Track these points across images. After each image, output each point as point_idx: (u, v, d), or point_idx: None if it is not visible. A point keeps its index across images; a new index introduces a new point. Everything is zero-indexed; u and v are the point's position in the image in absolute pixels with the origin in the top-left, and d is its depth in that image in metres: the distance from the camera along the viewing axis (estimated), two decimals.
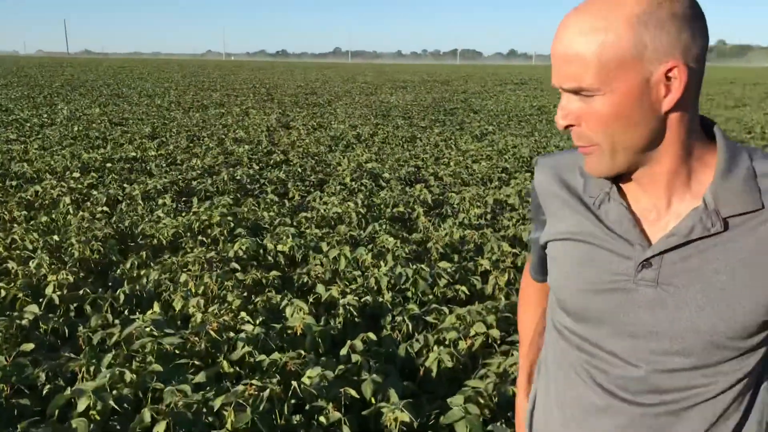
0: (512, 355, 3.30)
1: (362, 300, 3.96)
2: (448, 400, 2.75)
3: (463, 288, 4.27)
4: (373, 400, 2.87)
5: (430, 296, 4.22)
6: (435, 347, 3.40)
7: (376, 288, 4.28)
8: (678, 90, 0.91)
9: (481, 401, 2.73)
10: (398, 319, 3.75)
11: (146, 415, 2.51)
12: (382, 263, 4.60)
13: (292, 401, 2.83)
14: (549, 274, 1.16)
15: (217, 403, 2.55)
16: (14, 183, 7.09)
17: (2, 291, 3.97)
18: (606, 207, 1.05)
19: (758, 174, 0.98)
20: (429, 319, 3.74)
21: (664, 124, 0.95)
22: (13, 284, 4.05)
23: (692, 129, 0.98)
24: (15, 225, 5.47)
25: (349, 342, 3.36)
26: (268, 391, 2.63)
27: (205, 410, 2.61)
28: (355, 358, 3.20)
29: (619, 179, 1.06)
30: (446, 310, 3.82)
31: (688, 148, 0.98)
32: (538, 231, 1.23)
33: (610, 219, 1.04)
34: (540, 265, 1.31)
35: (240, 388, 2.65)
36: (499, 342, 3.50)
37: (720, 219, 0.96)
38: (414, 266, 4.40)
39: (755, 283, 0.96)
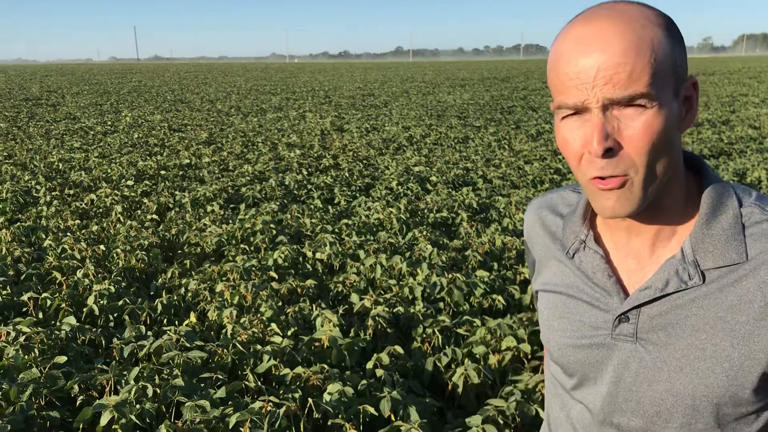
0: (541, 371, 3.20)
1: (394, 310, 3.92)
2: (467, 419, 2.68)
3: (500, 298, 4.18)
4: (393, 417, 2.83)
5: (465, 306, 4.14)
6: (464, 361, 3.33)
7: (410, 298, 4.23)
8: (695, 108, 0.85)
9: (501, 421, 2.65)
10: (429, 331, 3.69)
11: (164, 431, 2.53)
12: (418, 271, 4.55)
13: (315, 416, 2.82)
14: (540, 327, 1.10)
15: (232, 420, 2.56)
16: (71, 192, 7.35)
17: (47, 301, 4.11)
18: (580, 256, 0.98)
19: (745, 222, 0.88)
20: (460, 331, 3.67)
21: (678, 150, 0.87)
22: (57, 295, 4.18)
23: (681, 157, 0.90)
24: (68, 234, 5.66)
25: (375, 355, 3.33)
26: (284, 408, 2.62)
27: (221, 426, 2.63)
28: (379, 372, 3.17)
29: (597, 223, 0.99)
30: (478, 322, 3.74)
31: (684, 181, 0.90)
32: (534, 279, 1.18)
33: (585, 269, 0.97)
34: None
35: (257, 404, 2.66)
36: (529, 357, 3.40)
37: (698, 271, 0.87)
38: (450, 275, 4.33)
39: (738, 344, 0.86)
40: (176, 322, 4.08)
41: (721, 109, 17.01)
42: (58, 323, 3.79)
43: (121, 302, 4.08)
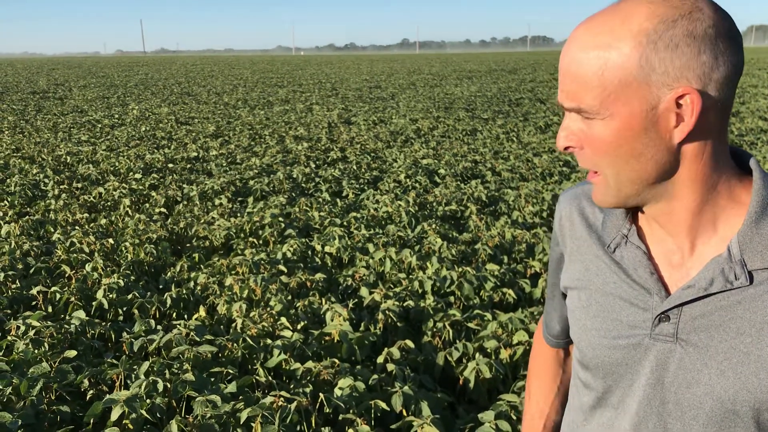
0: None
1: (404, 304, 3.90)
2: (479, 415, 2.66)
3: (511, 291, 4.15)
4: (404, 412, 2.80)
5: (476, 300, 4.12)
6: (475, 356, 3.31)
7: (420, 291, 4.21)
8: (690, 120, 0.79)
9: (514, 417, 2.63)
10: (439, 325, 3.67)
11: (174, 426, 2.52)
12: (428, 265, 4.52)
13: (326, 410, 2.81)
14: (570, 328, 1.05)
15: (243, 416, 2.54)
16: (79, 185, 7.35)
17: (57, 295, 4.10)
18: (622, 251, 0.94)
19: None
20: (471, 325, 3.65)
21: (677, 157, 0.83)
22: (66, 288, 4.17)
23: (717, 162, 0.85)
24: (77, 227, 5.66)
25: (386, 350, 3.31)
26: (295, 403, 2.60)
27: (233, 421, 2.61)
28: (390, 367, 3.14)
29: (639, 218, 0.95)
30: (489, 316, 3.71)
31: (711, 184, 0.85)
32: (555, 274, 1.14)
33: (626, 264, 0.94)
34: (554, 321, 1.20)
35: (268, 399, 2.64)
36: None
37: (745, 271, 0.83)
38: (460, 269, 4.30)
39: None
40: (185, 316, 4.07)
41: (736, 105, 16.87)
42: (67, 317, 3.79)
43: (130, 296, 4.07)
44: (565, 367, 1.27)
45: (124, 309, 4.05)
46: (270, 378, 3.10)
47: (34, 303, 4.17)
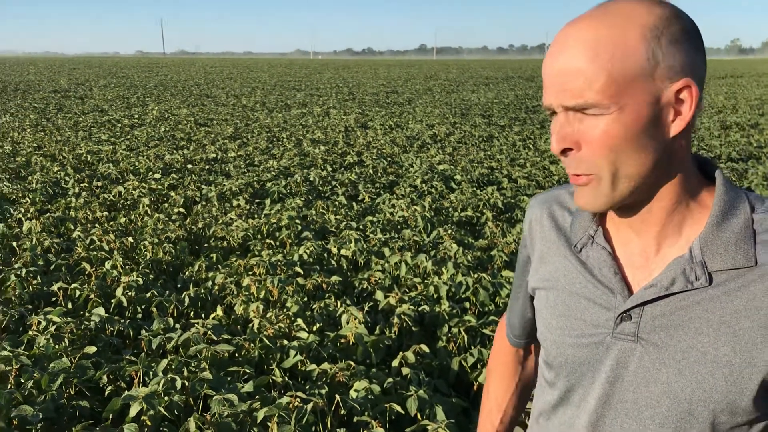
0: None
1: (419, 309, 3.92)
2: None
3: None
4: (419, 416, 2.82)
5: (491, 306, 4.13)
6: None
7: (435, 296, 4.22)
8: (688, 112, 0.82)
9: (528, 422, 2.63)
10: (454, 330, 3.68)
11: (192, 424, 2.56)
12: (443, 270, 4.54)
13: (341, 412, 2.83)
14: (537, 328, 1.08)
15: (260, 415, 2.57)
16: (100, 184, 7.44)
17: (76, 292, 4.16)
18: (588, 251, 0.97)
19: (757, 227, 0.87)
20: (486, 331, 3.66)
21: (668, 153, 0.85)
22: (86, 285, 4.23)
23: (690, 164, 0.89)
24: (97, 225, 5.73)
25: (401, 354, 3.33)
26: (311, 404, 2.63)
27: (249, 420, 2.64)
28: (405, 371, 3.16)
29: (606, 220, 0.98)
30: None
31: (686, 185, 0.89)
32: (521, 276, 1.15)
33: (591, 264, 0.96)
34: (519, 321, 1.21)
35: (285, 399, 2.67)
36: None
37: (705, 273, 0.86)
38: (475, 275, 4.32)
39: (740, 350, 0.84)
40: (203, 315, 4.11)
41: (750, 112, 16.76)
42: (87, 314, 3.84)
43: (149, 294, 4.12)
44: (525, 365, 1.29)
45: (143, 307, 4.10)
46: (286, 378, 3.13)
47: (54, 299, 4.24)
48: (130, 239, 5.18)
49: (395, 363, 3.32)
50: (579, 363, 0.97)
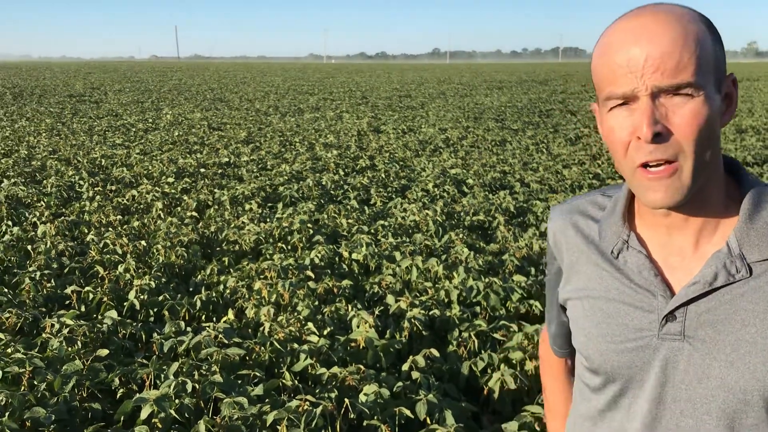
0: None
1: (430, 313, 3.92)
2: (503, 426, 2.67)
3: (537, 303, 4.14)
4: (428, 420, 2.82)
5: (501, 311, 4.12)
6: (500, 367, 3.32)
7: (446, 301, 4.22)
8: (735, 104, 0.89)
9: (538, 428, 2.63)
10: (465, 334, 3.68)
11: (202, 427, 2.57)
12: (454, 274, 4.54)
13: (351, 416, 2.83)
14: (573, 337, 1.08)
15: (270, 418, 2.58)
16: (113, 188, 7.50)
17: (90, 295, 4.19)
18: (624, 256, 0.98)
19: None
20: (497, 336, 3.65)
21: (719, 143, 0.90)
22: (100, 288, 4.27)
23: (720, 157, 0.93)
24: (110, 229, 5.78)
25: (411, 358, 3.33)
26: (320, 408, 2.64)
27: (259, 423, 2.65)
28: (415, 375, 3.16)
29: (636, 225, 0.99)
30: (515, 327, 3.71)
31: (723, 178, 0.93)
32: (554, 289, 1.15)
33: (629, 269, 0.97)
34: (560, 334, 1.22)
35: (294, 403, 2.68)
36: None
37: (745, 264, 0.88)
38: (486, 279, 4.31)
39: None
40: (214, 319, 4.14)
41: (766, 116, 16.62)
42: (100, 317, 3.87)
43: (161, 297, 4.15)
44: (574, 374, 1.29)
45: (155, 310, 4.12)
46: (296, 382, 3.14)
47: (68, 302, 4.27)
48: (143, 243, 5.22)
49: (405, 367, 3.32)
50: (626, 368, 0.98)
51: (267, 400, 2.85)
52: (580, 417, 1.10)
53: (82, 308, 4.15)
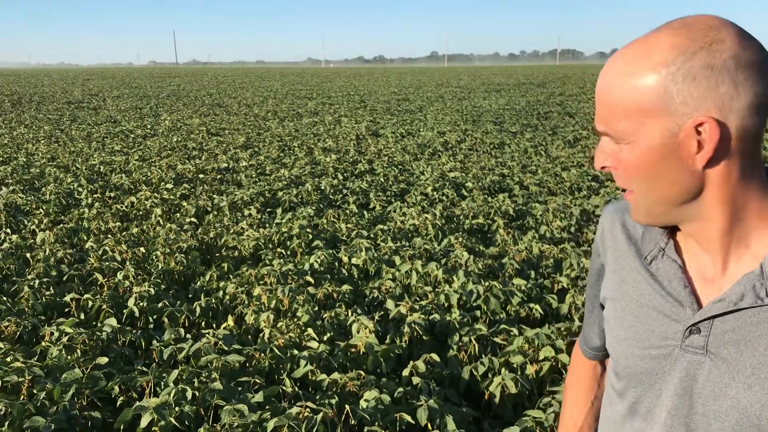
0: None
1: (430, 318, 3.91)
2: (504, 430, 2.66)
3: (538, 307, 4.14)
4: (429, 426, 2.81)
5: (502, 315, 4.11)
6: (501, 371, 3.31)
7: (446, 305, 4.21)
8: (709, 147, 0.83)
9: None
10: (465, 339, 3.67)
11: None
12: (454, 278, 4.53)
13: (351, 422, 2.82)
14: (606, 337, 1.09)
15: (270, 425, 2.57)
16: (112, 194, 7.49)
17: (89, 302, 4.18)
18: (658, 263, 0.98)
19: None
20: (497, 340, 3.64)
21: (701, 180, 0.87)
22: (99, 296, 4.26)
23: (747, 184, 0.88)
24: (109, 236, 5.77)
25: (411, 363, 3.32)
26: (321, 414, 2.62)
27: (259, 431, 2.64)
28: (416, 380, 3.15)
29: (676, 233, 0.99)
30: (515, 331, 3.71)
31: (740, 205, 0.88)
32: (593, 285, 1.17)
33: (661, 277, 0.97)
34: (593, 332, 1.23)
35: (295, 410, 2.67)
36: (567, 368, 3.35)
37: None
38: (486, 283, 4.30)
39: None
40: (214, 325, 4.13)
41: None
42: (99, 324, 3.86)
43: (160, 304, 4.14)
44: (601, 382, 1.29)
45: (155, 317, 4.11)
46: (296, 388, 3.13)
47: (67, 310, 4.26)
48: (142, 249, 5.21)
49: (406, 372, 3.31)
50: (646, 374, 0.98)
51: (267, 407, 2.84)
52: (606, 420, 1.11)
53: (82, 316, 4.14)
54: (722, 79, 0.81)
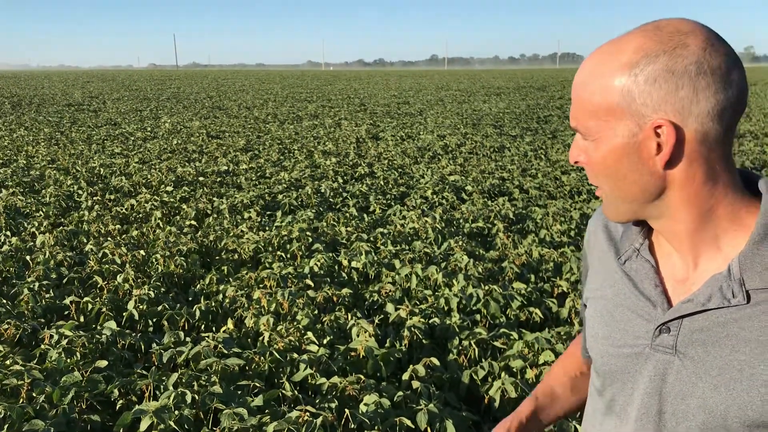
0: None
1: (430, 321, 3.91)
2: None
3: (537, 311, 4.14)
4: (429, 430, 2.81)
5: (502, 319, 4.11)
6: (501, 375, 3.30)
7: (446, 309, 4.21)
8: (666, 149, 0.85)
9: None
10: (465, 343, 3.67)
11: None
12: (454, 282, 4.53)
13: (351, 426, 2.82)
14: (587, 337, 1.10)
15: (269, 429, 2.57)
16: (112, 197, 7.49)
17: (89, 305, 4.18)
18: (632, 263, 1.00)
19: None
20: (497, 344, 3.64)
21: (663, 181, 0.89)
22: (98, 299, 4.26)
23: (714, 187, 0.88)
24: (109, 239, 5.77)
25: (411, 367, 3.32)
26: (320, 418, 2.62)
27: None
28: (415, 384, 3.15)
29: (654, 232, 1.00)
30: (515, 335, 3.70)
31: (708, 207, 0.89)
32: (582, 287, 1.20)
33: (635, 277, 0.99)
34: (584, 334, 1.26)
35: (295, 413, 2.67)
36: None
37: (743, 290, 0.86)
38: (486, 287, 4.30)
39: None
40: (214, 329, 4.12)
41: (764, 120, 16.65)
42: (98, 327, 3.86)
43: (160, 307, 4.14)
44: (584, 371, 1.32)
45: (154, 320, 4.11)
46: (296, 392, 3.13)
47: (66, 312, 4.26)
48: (142, 252, 5.21)
49: (405, 376, 3.31)
50: (620, 372, 1.00)
51: (267, 410, 2.83)
52: (588, 417, 1.14)
53: (81, 319, 4.14)
54: (682, 84, 0.83)
